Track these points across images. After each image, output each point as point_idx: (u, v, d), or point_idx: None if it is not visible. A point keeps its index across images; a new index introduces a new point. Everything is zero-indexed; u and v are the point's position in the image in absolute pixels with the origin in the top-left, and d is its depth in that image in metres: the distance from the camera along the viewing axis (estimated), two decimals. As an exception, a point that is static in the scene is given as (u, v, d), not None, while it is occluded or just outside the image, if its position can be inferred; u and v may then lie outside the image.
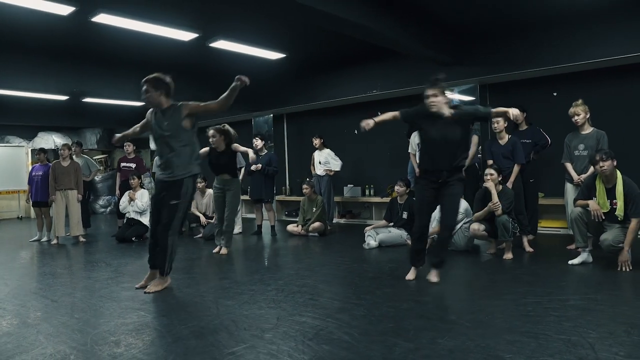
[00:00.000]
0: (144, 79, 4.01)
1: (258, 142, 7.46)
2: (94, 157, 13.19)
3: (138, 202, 7.11)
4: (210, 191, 7.21)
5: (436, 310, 3.32)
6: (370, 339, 2.74)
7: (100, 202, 12.54)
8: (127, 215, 7.23)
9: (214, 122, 10.26)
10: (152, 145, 11.57)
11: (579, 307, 3.21)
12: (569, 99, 5.39)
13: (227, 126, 5.82)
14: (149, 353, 2.68)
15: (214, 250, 5.89)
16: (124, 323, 3.26)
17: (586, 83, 6.49)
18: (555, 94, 6.66)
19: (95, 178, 12.37)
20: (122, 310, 3.57)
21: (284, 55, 7.05)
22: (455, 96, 7.33)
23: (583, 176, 5.02)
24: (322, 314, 3.26)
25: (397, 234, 5.92)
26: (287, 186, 9.71)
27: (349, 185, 8.46)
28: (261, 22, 5.83)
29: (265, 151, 7.45)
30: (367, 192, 8.34)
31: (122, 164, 7.87)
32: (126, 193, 7.28)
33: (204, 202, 7.22)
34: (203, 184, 7.16)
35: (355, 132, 8.60)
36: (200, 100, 8.77)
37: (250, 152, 5.62)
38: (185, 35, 5.81)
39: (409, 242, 5.55)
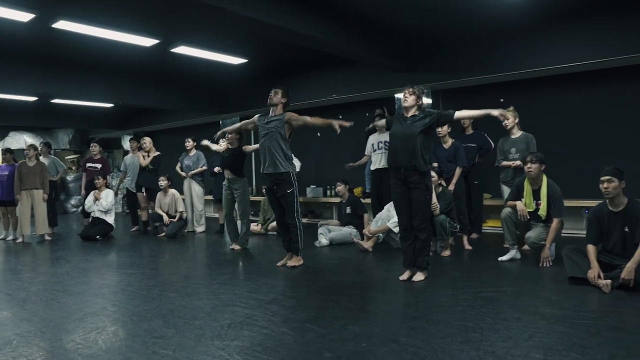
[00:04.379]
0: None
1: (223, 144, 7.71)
2: (67, 157, 13.29)
3: (103, 202, 7.30)
4: (172, 191, 7.45)
5: (359, 301, 3.63)
6: (290, 326, 3.03)
7: (72, 201, 12.64)
8: (92, 214, 7.42)
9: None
10: (126, 146, 11.75)
11: (487, 298, 3.54)
12: (515, 105, 5.75)
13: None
14: (85, 339, 2.93)
15: (230, 247, 6.12)
16: (71, 313, 3.50)
17: (531, 90, 6.88)
18: (502, 100, 7.02)
19: (68, 178, 12.49)
20: (72, 302, 3.81)
21: (245, 61, 7.31)
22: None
23: (517, 162, 5.35)
24: (254, 304, 3.54)
25: (346, 232, 6.24)
26: (254, 187, 9.96)
27: (311, 186, 8.75)
28: (220, 29, 6.08)
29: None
30: (328, 192, 8.64)
31: (88, 165, 8.07)
32: (91, 192, 7.47)
33: (166, 201, 7.44)
34: (166, 182, 7.38)
35: (318, 134, 8.90)
36: (166, 103, 8.98)
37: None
38: (146, 41, 6.04)
39: (356, 240, 5.87)
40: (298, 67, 8.25)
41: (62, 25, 5.35)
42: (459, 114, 4.14)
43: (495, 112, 4.03)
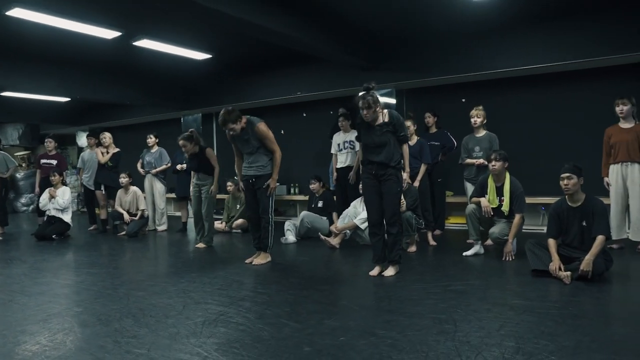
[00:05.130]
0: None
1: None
2: (16, 154, 12.70)
3: (59, 199, 7.01)
4: (134, 188, 7.25)
5: (331, 296, 3.65)
6: (265, 322, 3.01)
7: (23, 200, 12.09)
8: (47, 212, 7.12)
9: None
10: (80, 142, 11.38)
11: (456, 291, 3.63)
12: (476, 105, 5.91)
13: (193, 131, 6.17)
14: (52, 340, 2.81)
15: (196, 245, 6.04)
16: (33, 314, 3.35)
17: (491, 91, 7.09)
18: (464, 100, 7.22)
19: (17, 175, 11.93)
20: (33, 303, 3.64)
21: (209, 56, 7.19)
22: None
23: (480, 160, 5.51)
24: (226, 301, 3.50)
25: (317, 217, 6.40)
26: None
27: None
28: (185, 23, 5.96)
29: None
30: (292, 190, 8.63)
31: (43, 161, 7.73)
32: (46, 190, 7.16)
33: (127, 199, 7.23)
34: (127, 180, 7.17)
35: (282, 132, 8.87)
36: (126, 98, 8.72)
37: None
38: (108, 34, 5.84)
39: (323, 237, 5.89)
40: (262, 64, 8.19)
41: (16, 13, 5.08)
42: (404, 149, 4.24)
43: (405, 176, 4.31)
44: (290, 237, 6.16)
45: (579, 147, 6.34)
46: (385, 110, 4.18)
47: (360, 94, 4.06)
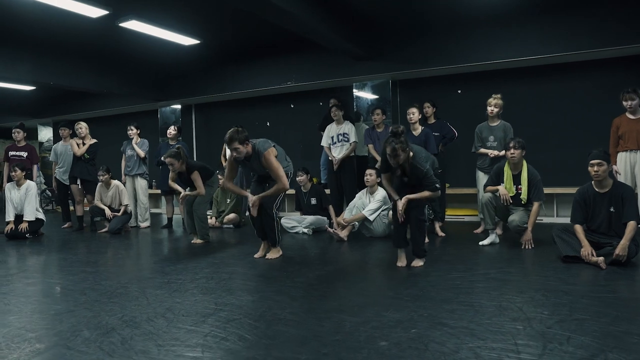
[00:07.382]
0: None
1: (172, 131, 7.24)
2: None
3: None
4: (116, 182, 6.76)
5: (371, 288, 3.43)
6: (317, 317, 2.74)
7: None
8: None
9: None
10: (41, 136, 10.60)
11: (498, 279, 3.48)
12: (472, 97, 5.83)
13: (180, 148, 5.71)
14: (78, 344, 2.44)
15: (192, 241, 5.72)
16: (38, 319, 2.93)
17: (487, 82, 7.03)
18: (459, 91, 7.15)
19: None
20: (35, 305, 3.22)
21: (197, 42, 6.79)
22: (367, 95, 7.58)
23: (496, 152, 5.44)
24: (260, 297, 3.21)
25: (321, 218, 6.21)
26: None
27: (261, 178, 8.38)
28: (177, 4, 5.57)
29: (175, 142, 7.18)
30: (280, 184, 8.32)
31: (11, 153, 7.08)
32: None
33: (109, 194, 6.72)
34: (106, 176, 6.66)
35: (268, 124, 8.56)
36: (103, 86, 8.12)
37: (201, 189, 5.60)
38: (94, 12, 5.35)
39: (331, 229, 5.66)
40: (251, 52, 7.85)
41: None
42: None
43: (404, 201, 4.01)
44: (302, 229, 6.07)
45: (579, 138, 6.38)
46: (411, 153, 3.87)
47: (388, 139, 3.76)
